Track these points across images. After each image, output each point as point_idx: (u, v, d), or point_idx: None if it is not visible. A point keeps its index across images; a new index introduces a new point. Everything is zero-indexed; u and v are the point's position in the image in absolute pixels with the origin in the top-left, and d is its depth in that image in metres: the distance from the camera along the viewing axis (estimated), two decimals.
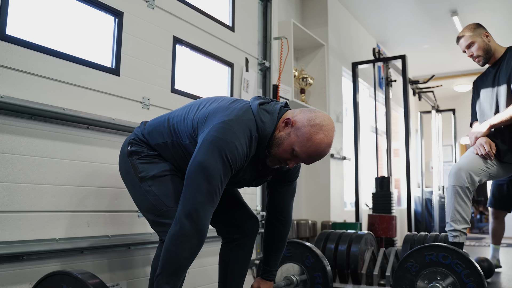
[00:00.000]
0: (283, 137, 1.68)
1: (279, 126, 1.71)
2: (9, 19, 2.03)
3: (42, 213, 2.12)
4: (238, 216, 2.13)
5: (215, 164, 1.58)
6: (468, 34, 3.10)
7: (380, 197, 4.88)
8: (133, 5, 2.67)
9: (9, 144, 2.00)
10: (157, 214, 1.81)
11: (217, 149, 1.58)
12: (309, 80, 4.78)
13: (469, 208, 2.81)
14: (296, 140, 1.65)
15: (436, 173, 7.61)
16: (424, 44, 7.21)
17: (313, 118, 1.67)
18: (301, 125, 1.66)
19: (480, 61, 3.12)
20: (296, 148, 1.66)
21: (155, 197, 1.81)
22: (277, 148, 1.69)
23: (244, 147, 1.63)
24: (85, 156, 2.33)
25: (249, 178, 1.86)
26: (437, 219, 7.31)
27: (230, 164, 1.61)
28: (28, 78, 2.09)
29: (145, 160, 1.90)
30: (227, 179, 1.66)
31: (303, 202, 5.08)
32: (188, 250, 1.61)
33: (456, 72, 8.50)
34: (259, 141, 1.70)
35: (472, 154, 2.93)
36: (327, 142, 1.67)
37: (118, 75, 2.54)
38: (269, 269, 2.15)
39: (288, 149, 1.67)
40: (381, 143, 5.72)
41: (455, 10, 5.95)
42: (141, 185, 1.85)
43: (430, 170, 8.44)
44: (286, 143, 1.67)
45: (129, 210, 2.56)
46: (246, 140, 1.65)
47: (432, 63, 8.06)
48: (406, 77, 5.17)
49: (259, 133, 1.69)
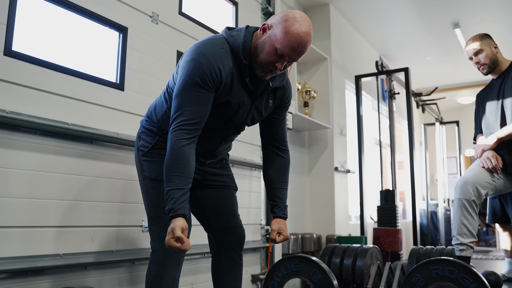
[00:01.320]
0: (264, 41, 1.73)
1: (258, 35, 1.77)
2: (15, 35, 2.05)
3: (46, 228, 2.12)
4: (218, 229, 2.03)
5: (190, 80, 1.69)
6: (478, 41, 3.12)
7: (385, 210, 4.86)
8: (137, 20, 2.69)
9: (14, 159, 2.00)
10: (152, 216, 1.86)
11: (187, 73, 1.70)
12: (312, 94, 4.78)
13: (475, 222, 2.79)
14: (275, 39, 1.69)
15: (441, 185, 7.57)
16: (427, 57, 7.22)
17: (285, 14, 1.72)
18: (276, 24, 1.71)
19: (484, 69, 3.13)
20: (277, 46, 1.69)
21: (153, 199, 1.87)
22: (262, 54, 1.73)
23: (212, 59, 1.70)
24: (90, 171, 2.34)
25: (249, 104, 1.85)
26: (443, 232, 7.25)
27: (206, 79, 1.69)
28: (34, 93, 2.10)
29: (148, 156, 1.90)
30: (209, 92, 1.71)
31: (307, 216, 5.06)
32: (167, 163, 1.68)
33: (459, 84, 8.50)
34: (234, 54, 1.75)
35: (478, 167, 2.91)
36: (304, 31, 1.70)
37: (122, 90, 2.55)
38: (283, 205, 2.02)
39: (271, 50, 1.70)
40: (385, 155, 5.71)
41: (457, 22, 5.97)
42: (144, 183, 1.91)
43: (435, 183, 8.40)
44: (267, 45, 1.71)
45: (134, 225, 2.55)
46: (216, 53, 1.72)
47: (435, 75, 8.06)
48: (410, 89, 5.17)
49: (230, 45, 1.76)
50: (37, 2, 2.20)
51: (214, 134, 1.91)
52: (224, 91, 1.76)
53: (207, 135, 1.87)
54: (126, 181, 2.53)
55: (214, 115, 1.80)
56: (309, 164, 5.19)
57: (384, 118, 5.52)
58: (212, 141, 1.93)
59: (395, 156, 5.24)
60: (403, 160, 7.80)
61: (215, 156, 2.02)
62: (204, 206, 2.02)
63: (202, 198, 2.02)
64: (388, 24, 6.05)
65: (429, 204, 7.76)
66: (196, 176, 1.92)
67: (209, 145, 1.93)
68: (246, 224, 2.44)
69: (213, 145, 1.95)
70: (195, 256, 2.93)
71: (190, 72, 1.70)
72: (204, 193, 2.02)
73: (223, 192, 2.05)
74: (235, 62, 1.77)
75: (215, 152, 1.99)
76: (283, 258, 2.73)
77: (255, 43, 1.77)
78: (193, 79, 1.69)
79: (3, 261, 1.92)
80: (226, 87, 1.76)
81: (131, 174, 2.56)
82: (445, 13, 5.72)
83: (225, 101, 1.78)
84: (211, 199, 2.02)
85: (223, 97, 1.77)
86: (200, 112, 1.71)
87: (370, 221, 5.25)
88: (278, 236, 1.93)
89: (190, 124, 1.69)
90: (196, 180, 1.93)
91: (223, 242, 2.02)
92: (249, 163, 3.54)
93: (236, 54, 1.76)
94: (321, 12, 5.42)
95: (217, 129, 1.89)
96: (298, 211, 4.86)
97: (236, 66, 1.77)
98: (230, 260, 2.02)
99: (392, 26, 6.12)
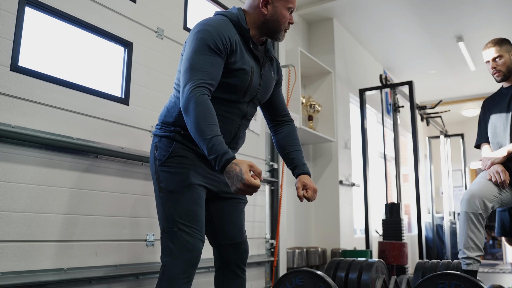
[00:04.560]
0: (275, 11, 1.90)
1: (260, 11, 1.90)
2: (22, 51, 2.08)
3: (50, 243, 2.12)
4: (224, 244, 2.02)
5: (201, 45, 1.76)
6: (498, 46, 3.06)
7: (390, 224, 4.83)
8: (142, 35, 2.72)
9: (19, 173, 2.01)
10: (166, 230, 1.82)
11: (196, 40, 1.78)
12: (316, 107, 4.79)
13: (482, 235, 2.77)
14: (283, 3, 1.90)
15: (447, 198, 7.53)
16: (431, 70, 7.23)
17: None
18: None
19: (499, 76, 3.08)
20: (289, 5, 1.91)
21: (168, 213, 1.82)
22: (280, 21, 1.91)
23: (218, 26, 1.81)
24: (94, 185, 2.34)
25: (258, 72, 1.94)
26: (448, 246, 7.20)
27: (217, 43, 1.76)
28: (39, 108, 2.11)
29: (166, 166, 1.86)
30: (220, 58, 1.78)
31: (312, 229, 5.04)
32: (192, 116, 1.67)
33: (463, 96, 8.50)
34: (234, 24, 1.88)
35: (484, 180, 2.89)
36: None
37: (127, 104, 2.57)
38: (301, 163, 2.08)
39: (285, 12, 1.91)
40: (390, 168, 5.69)
41: (460, 36, 5.99)
42: (160, 195, 1.86)
43: (440, 196, 8.36)
44: (280, 11, 1.90)
45: (138, 239, 2.55)
46: (220, 23, 1.83)
47: (439, 88, 8.07)
48: (414, 102, 5.17)
49: (228, 17, 1.89)
50: (43, 18, 2.22)
51: (235, 113, 1.92)
52: (236, 56, 1.83)
53: (228, 116, 1.89)
54: (130, 195, 2.54)
55: (232, 86, 1.85)
56: (313, 178, 5.18)
57: (388, 131, 5.51)
58: (233, 122, 1.93)
59: (400, 169, 5.22)
60: (408, 173, 7.78)
61: (237, 142, 2.01)
62: (214, 220, 2.01)
63: (214, 211, 2.00)
64: (391, 37, 6.08)
65: (434, 217, 7.71)
66: (213, 188, 1.92)
67: (231, 127, 1.92)
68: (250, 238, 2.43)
69: (235, 126, 1.94)
70: (199, 270, 2.92)
71: (200, 38, 1.77)
72: (216, 206, 2.00)
73: (234, 207, 2.04)
74: (237, 31, 1.88)
75: (237, 135, 1.98)
76: (287, 272, 2.72)
77: (257, 18, 1.91)
78: (204, 43, 1.76)
79: (6, 275, 1.92)
80: (237, 53, 1.84)
81: (136, 188, 2.57)
82: (448, 26, 5.74)
83: (240, 68, 1.84)
84: (222, 212, 2.01)
85: (237, 62, 1.84)
86: (215, 74, 1.76)
87: (375, 234, 5.23)
88: (305, 192, 1.99)
89: (208, 84, 1.73)
90: (211, 192, 1.93)
91: (228, 257, 2.01)
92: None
93: (236, 23, 1.88)
94: (325, 26, 5.45)
95: (236, 106, 1.91)
96: (303, 225, 4.84)
97: (238, 34, 1.88)
98: (234, 275, 2.01)
99: (395, 39, 6.14)
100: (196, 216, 1.81)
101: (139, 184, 2.60)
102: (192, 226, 1.79)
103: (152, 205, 2.65)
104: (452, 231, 7.18)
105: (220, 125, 1.79)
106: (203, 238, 1.83)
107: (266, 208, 3.74)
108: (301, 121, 4.28)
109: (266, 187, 3.81)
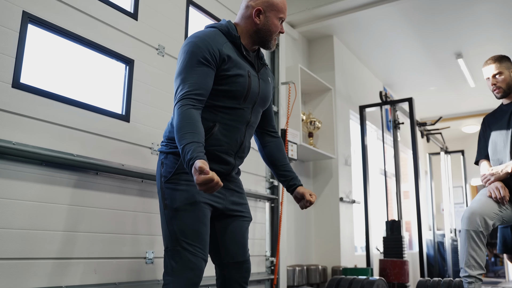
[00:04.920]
0: (266, 21, 1.99)
1: (253, 21, 1.98)
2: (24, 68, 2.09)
3: (49, 260, 2.10)
4: (227, 263, 2.00)
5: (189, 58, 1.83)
6: (498, 63, 3.07)
7: (391, 241, 4.80)
8: (143, 53, 2.73)
9: (19, 190, 2.01)
10: (170, 248, 1.82)
11: (184, 53, 1.85)
12: (317, 124, 4.80)
13: (483, 253, 2.75)
14: (274, 13, 1.99)
15: (448, 215, 7.50)
16: (431, 86, 7.26)
17: None
18: (265, 4, 1.98)
19: (499, 93, 3.09)
20: (280, 15, 2.00)
21: (172, 230, 1.82)
22: (271, 30, 1.99)
23: (205, 37, 1.87)
24: (94, 201, 2.33)
25: (256, 76, 1.99)
26: (450, 263, 7.14)
27: (204, 54, 1.82)
28: (40, 124, 2.12)
29: (171, 183, 1.86)
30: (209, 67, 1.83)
31: (312, 247, 5.01)
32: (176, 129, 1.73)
33: (463, 113, 8.52)
34: (224, 33, 1.95)
35: (484, 197, 2.88)
36: None
37: (128, 121, 2.57)
38: (295, 175, 2.18)
39: (276, 21, 2.00)
40: (391, 185, 5.68)
41: (459, 52, 6.03)
42: (164, 212, 1.86)
43: (441, 212, 8.32)
44: (271, 20, 1.99)
45: (137, 257, 2.53)
46: (208, 34, 1.90)
47: (439, 104, 8.10)
48: (414, 119, 5.18)
49: (218, 28, 1.97)
50: (45, 35, 2.24)
51: (238, 120, 1.93)
52: (229, 63, 1.89)
53: (232, 124, 1.91)
54: (130, 212, 2.53)
55: (232, 91, 1.89)
56: None
57: (389, 148, 5.51)
58: (238, 130, 1.94)
59: (401, 186, 5.21)
60: (409, 190, 7.76)
61: (243, 151, 2.01)
62: (218, 237, 1.99)
63: (218, 229, 1.99)
64: (391, 54, 6.12)
65: (435, 234, 7.67)
66: (218, 205, 1.91)
67: (237, 135, 1.94)
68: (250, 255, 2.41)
69: (240, 135, 1.95)
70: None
71: (188, 51, 1.84)
72: (221, 223, 1.98)
73: (239, 225, 2.02)
74: (228, 39, 1.95)
75: (243, 144, 1.98)
76: None
77: (250, 27, 1.99)
78: (192, 56, 1.82)
79: None
80: (229, 60, 1.89)
81: (136, 205, 2.56)
82: (448, 43, 5.78)
83: (236, 73, 1.89)
84: (226, 230, 1.99)
85: (232, 68, 1.89)
86: (203, 83, 1.81)
87: (376, 252, 5.19)
88: (311, 197, 2.08)
89: (194, 94, 1.79)
90: (217, 209, 1.92)
91: (229, 276, 2.00)
92: (253, 194, 3.53)
93: (226, 32, 1.95)
94: (325, 43, 5.49)
95: (239, 112, 1.93)
96: (303, 242, 4.81)
97: (230, 42, 1.95)
98: None
99: (395, 56, 6.18)
100: (200, 235, 1.80)
101: (139, 201, 2.59)
102: (195, 244, 1.78)
103: (152, 222, 2.64)
104: (454, 248, 7.13)
105: (225, 134, 1.87)
106: (206, 257, 1.82)
107: (266, 225, 3.73)
108: (301, 138, 4.29)
109: (266, 204, 3.80)
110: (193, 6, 3.22)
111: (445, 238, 7.34)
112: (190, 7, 3.20)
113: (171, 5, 3.01)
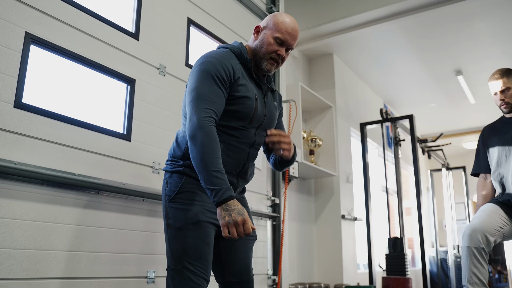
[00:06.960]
0: (261, 38, 1.97)
1: (253, 39, 2.00)
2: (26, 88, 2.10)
3: (51, 280, 2.09)
4: (231, 282, 1.99)
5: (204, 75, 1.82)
6: (506, 78, 3.07)
7: (394, 259, 4.77)
8: (145, 72, 2.76)
9: (20, 209, 2.01)
10: (172, 267, 1.81)
11: (200, 71, 1.84)
12: (318, 142, 4.81)
13: (485, 270, 2.73)
14: (271, 32, 1.94)
15: (450, 231, 7.46)
16: (431, 103, 7.29)
17: (271, 14, 2.01)
18: (267, 22, 1.98)
19: (506, 108, 3.08)
20: (276, 35, 1.93)
21: (174, 250, 1.81)
22: (263, 48, 1.95)
23: (221, 58, 1.87)
24: (95, 221, 2.33)
25: (262, 100, 1.99)
26: (453, 280, 7.08)
27: (219, 74, 1.82)
28: (41, 144, 2.13)
29: (175, 202, 1.85)
30: (222, 89, 1.82)
31: (315, 264, 4.98)
32: (199, 144, 1.71)
33: (464, 129, 8.54)
34: (235, 54, 1.96)
35: (485, 213, 2.88)
36: (292, 19, 1.98)
37: (129, 140, 2.58)
38: None
39: (271, 41, 1.94)
40: (392, 202, 5.67)
41: (459, 70, 6.06)
42: (167, 231, 1.86)
43: (444, 229, 8.28)
44: (266, 39, 1.95)
45: (138, 276, 2.52)
46: (222, 54, 1.91)
47: (439, 121, 8.11)
48: (415, 136, 5.19)
49: (230, 49, 1.97)
50: (47, 56, 2.26)
51: (243, 141, 1.92)
52: (239, 86, 1.88)
53: (236, 145, 1.90)
54: (131, 231, 2.52)
55: (239, 112, 1.88)
56: (315, 212, 5.15)
57: (390, 165, 5.51)
58: (242, 151, 1.93)
59: (402, 203, 5.20)
60: (411, 207, 7.73)
61: (246, 172, 1.99)
62: (222, 256, 1.98)
63: (222, 248, 1.98)
64: (391, 71, 6.15)
65: (438, 251, 7.62)
66: None
67: (240, 156, 1.92)
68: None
69: (243, 156, 1.94)
70: None
71: (204, 70, 1.83)
72: (225, 242, 1.97)
73: (243, 244, 2.01)
74: (239, 61, 1.95)
75: (246, 165, 1.96)
76: None
77: (251, 47, 2.00)
78: (208, 74, 1.81)
79: None
80: (240, 81, 1.89)
81: (137, 225, 2.56)
82: (447, 60, 5.82)
83: (244, 95, 1.88)
84: (230, 250, 1.98)
85: (241, 90, 1.88)
86: (218, 105, 1.80)
87: (379, 269, 5.16)
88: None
89: (214, 114, 1.77)
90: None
91: None
92: (255, 212, 3.53)
93: (238, 54, 1.96)
94: (325, 61, 5.53)
95: (244, 133, 1.92)
96: (305, 260, 4.79)
97: (241, 64, 1.95)
98: None
99: (395, 73, 6.22)
100: (202, 255, 1.79)
101: (141, 220, 2.59)
102: (197, 264, 1.77)
103: (153, 241, 2.63)
104: (457, 265, 7.08)
105: (229, 154, 1.86)
106: (208, 277, 1.80)
107: (268, 243, 3.71)
108: (302, 155, 4.29)
109: (268, 222, 3.79)
110: (194, 26, 3.26)
111: (448, 254, 7.29)
112: (191, 27, 3.24)
113: (172, 25, 3.04)
